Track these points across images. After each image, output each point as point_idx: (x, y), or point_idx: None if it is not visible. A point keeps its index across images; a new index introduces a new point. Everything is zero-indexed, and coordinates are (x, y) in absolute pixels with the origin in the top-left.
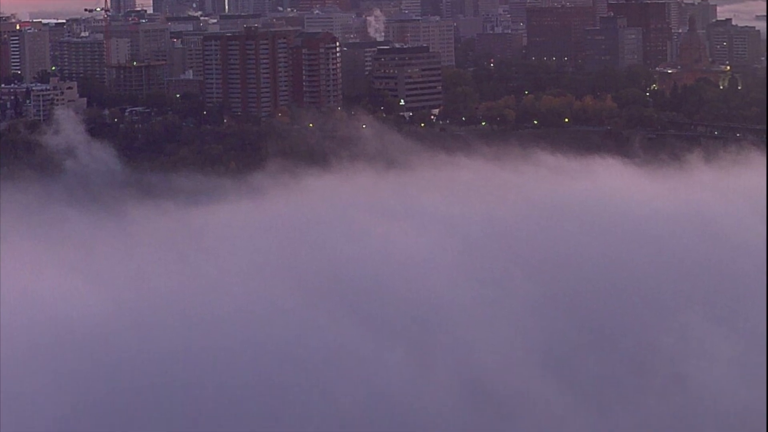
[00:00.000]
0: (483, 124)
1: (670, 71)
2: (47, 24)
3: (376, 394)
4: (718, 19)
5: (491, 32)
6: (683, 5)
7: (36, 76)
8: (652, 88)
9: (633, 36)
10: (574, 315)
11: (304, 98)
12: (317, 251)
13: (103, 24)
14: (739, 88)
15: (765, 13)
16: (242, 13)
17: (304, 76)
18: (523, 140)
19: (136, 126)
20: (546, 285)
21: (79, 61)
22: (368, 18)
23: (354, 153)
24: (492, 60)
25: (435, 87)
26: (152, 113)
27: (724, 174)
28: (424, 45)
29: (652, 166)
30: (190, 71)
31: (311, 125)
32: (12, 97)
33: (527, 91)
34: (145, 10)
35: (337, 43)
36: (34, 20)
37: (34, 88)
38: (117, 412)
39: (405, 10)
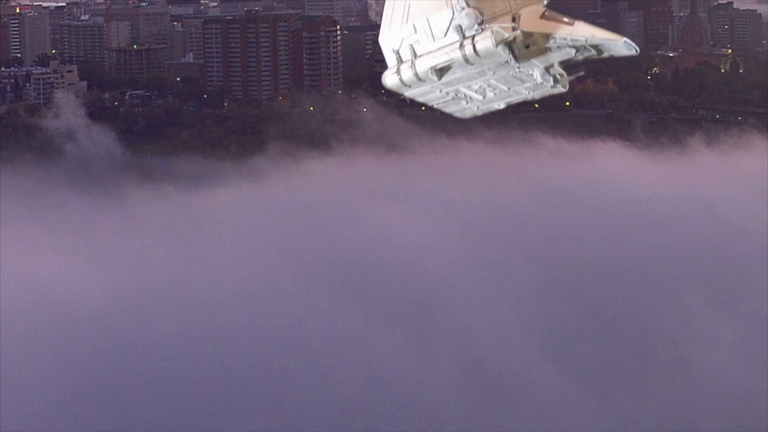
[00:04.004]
0: None
1: (671, 54)
2: (47, 7)
3: (376, 377)
4: (720, 2)
5: None
6: None
7: (36, 59)
8: (653, 71)
9: (634, 19)
10: (574, 298)
11: (305, 81)
12: (318, 235)
13: (104, 7)
14: (741, 71)
15: None
16: None
17: (304, 60)
18: (524, 124)
19: (136, 109)
20: (547, 269)
21: (79, 44)
22: (369, 1)
23: (355, 136)
24: None
25: None
26: (152, 97)
27: (725, 157)
28: None
29: (653, 150)
30: (191, 54)
31: (312, 108)
32: (12, 81)
33: None
34: None
35: (338, 26)
36: (34, 3)
37: (34, 72)
38: (117, 395)
39: None
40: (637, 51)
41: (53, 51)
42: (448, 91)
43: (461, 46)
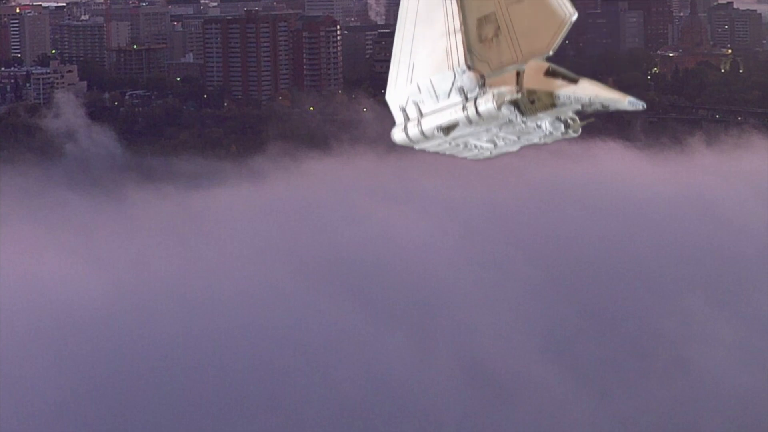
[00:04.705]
0: None
1: (671, 54)
2: (47, 7)
3: (376, 377)
4: (720, 2)
5: None
6: None
7: (36, 59)
8: (653, 71)
9: (634, 19)
10: (574, 299)
11: (305, 82)
12: (318, 235)
13: (104, 7)
14: (741, 71)
15: None
16: None
17: (304, 60)
18: None
19: (136, 109)
20: (547, 269)
21: (79, 44)
22: (369, 1)
23: (355, 136)
24: None
25: None
26: (152, 97)
27: (725, 157)
28: None
29: (653, 150)
30: (191, 54)
31: (312, 108)
32: (12, 81)
33: None
34: None
35: (338, 26)
36: (34, 3)
37: (34, 72)
38: (117, 395)
39: None
40: (643, 107)
41: (53, 51)
42: (458, 143)
43: (464, 107)
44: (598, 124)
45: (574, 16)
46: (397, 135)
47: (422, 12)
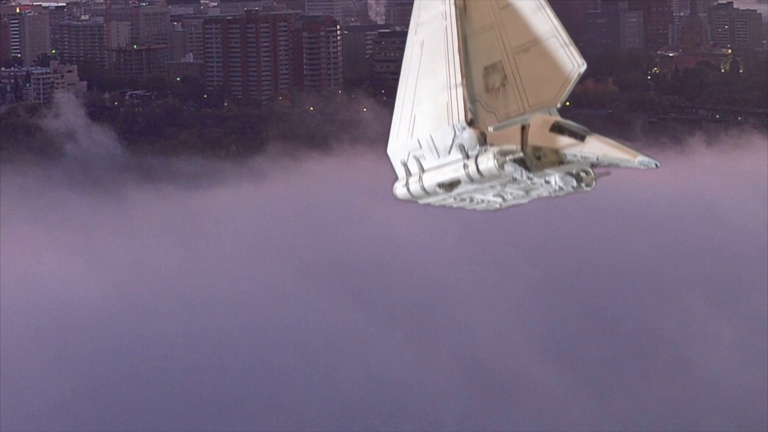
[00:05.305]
0: None
1: (671, 54)
2: (47, 7)
3: (376, 377)
4: (720, 2)
5: None
6: None
7: (36, 59)
8: (653, 71)
9: (634, 19)
10: (575, 298)
11: (305, 82)
12: (318, 235)
13: (104, 7)
14: (741, 71)
15: None
16: None
17: (304, 60)
18: None
19: (136, 109)
20: (547, 268)
21: (79, 44)
22: (369, 1)
23: (355, 136)
24: None
25: None
26: (153, 97)
27: (725, 157)
28: None
29: (653, 150)
30: (191, 54)
31: (312, 109)
32: (12, 81)
33: None
34: None
35: (338, 27)
36: (34, 3)
37: (34, 72)
38: (117, 395)
39: None
40: (657, 166)
41: (53, 51)
42: (463, 198)
43: (465, 165)
44: (598, 124)
45: (583, 68)
46: (399, 190)
47: (425, 61)
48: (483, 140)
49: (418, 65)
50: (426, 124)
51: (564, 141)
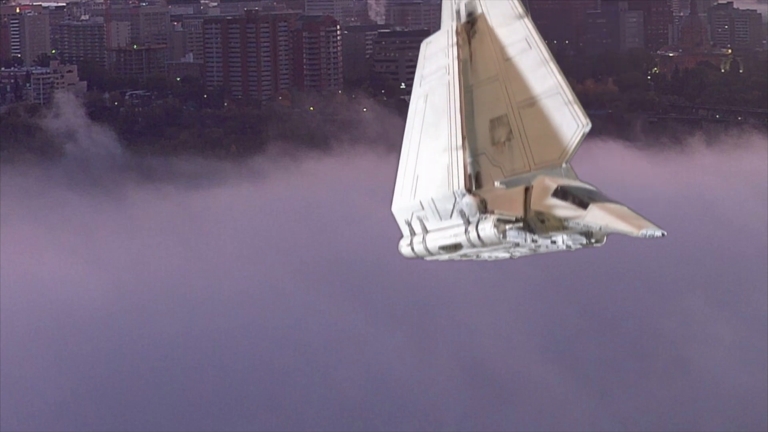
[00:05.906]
0: None
1: (671, 54)
2: (47, 7)
3: (376, 377)
4: (720, 2)
5: None
6: None
7: (36, 59)
8: (653, 71)
9: (634, 19)
10: (574, 298)
11: (305, 82)
12: (318, 235)
13: (104, 7)
14: (741, 71)
15: None
16: None
17: (304, 60)
18: None
19: (136, 109)
20: (547, 269)
21: (79, 44)
22: (369, 1)
23: (355, 136)
24: None
25: None
26: (153, 97)
27: (725, 157)
28: (425, 28)
29: (653, 150)
30: (191, 54)
31: (312, 109)
32: (12, 81)
33: None
34: None
35: (338, 27)
36: (34, 3)
37: (34, 72)
38: (117, 395)
39: None
40: (663, 235)
41: (53, 51)
42: (469, 256)
43: (466, 230)
44: (598, 124)
45: (588, 128)
46: (404, 249)
47: (429, 117)
48: (483, 208)
49: (422, 121)
50: (428, 186)
51: (566, 210)
